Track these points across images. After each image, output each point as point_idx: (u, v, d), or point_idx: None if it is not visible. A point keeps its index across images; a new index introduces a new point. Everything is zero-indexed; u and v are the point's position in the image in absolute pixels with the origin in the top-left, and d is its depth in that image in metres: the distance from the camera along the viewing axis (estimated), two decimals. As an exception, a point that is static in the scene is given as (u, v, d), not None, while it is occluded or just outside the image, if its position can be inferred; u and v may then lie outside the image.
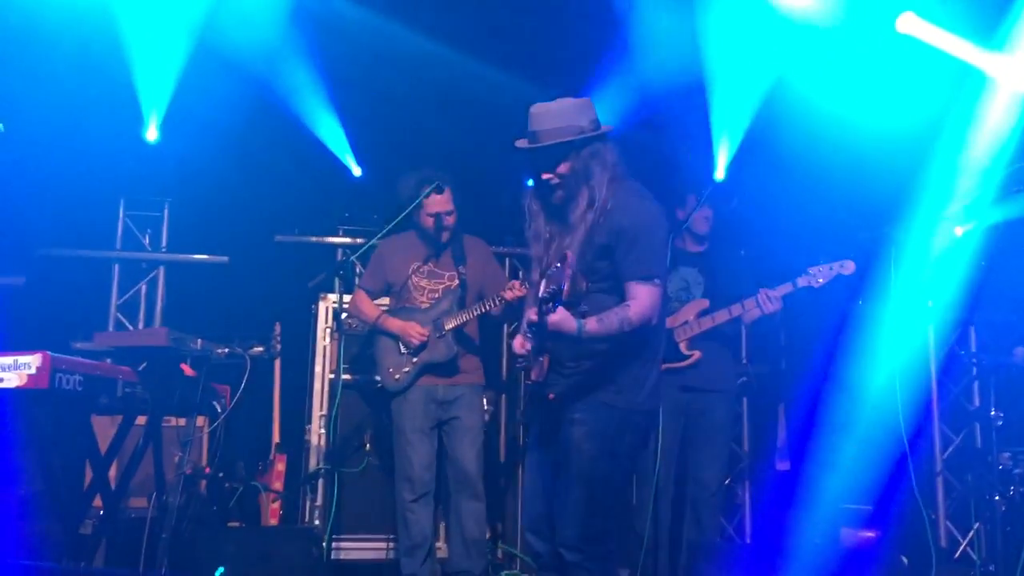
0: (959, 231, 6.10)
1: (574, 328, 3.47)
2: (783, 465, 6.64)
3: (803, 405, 6.32)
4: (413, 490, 5.08)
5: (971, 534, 6.07)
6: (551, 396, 3.69)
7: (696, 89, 6.28)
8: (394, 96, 6.48)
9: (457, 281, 5.24)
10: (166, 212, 6.93)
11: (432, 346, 5.15)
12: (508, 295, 4.97)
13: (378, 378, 5.32)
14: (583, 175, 3.64)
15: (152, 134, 6.37)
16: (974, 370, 6.29)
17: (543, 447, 3.81)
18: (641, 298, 3.57)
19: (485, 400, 5.45)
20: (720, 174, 6.57)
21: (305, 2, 5.99)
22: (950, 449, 6.40)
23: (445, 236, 5.25)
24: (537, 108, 3.68)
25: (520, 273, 6.49)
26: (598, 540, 3.65)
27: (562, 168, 3.65)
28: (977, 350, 6.30)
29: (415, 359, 5.15)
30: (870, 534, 6.11)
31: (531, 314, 3.54)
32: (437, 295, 5.24)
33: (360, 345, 5.73)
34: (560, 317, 3.43)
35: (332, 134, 6.72)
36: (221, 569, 4.70)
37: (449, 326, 5.13)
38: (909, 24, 5.84)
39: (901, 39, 5.85)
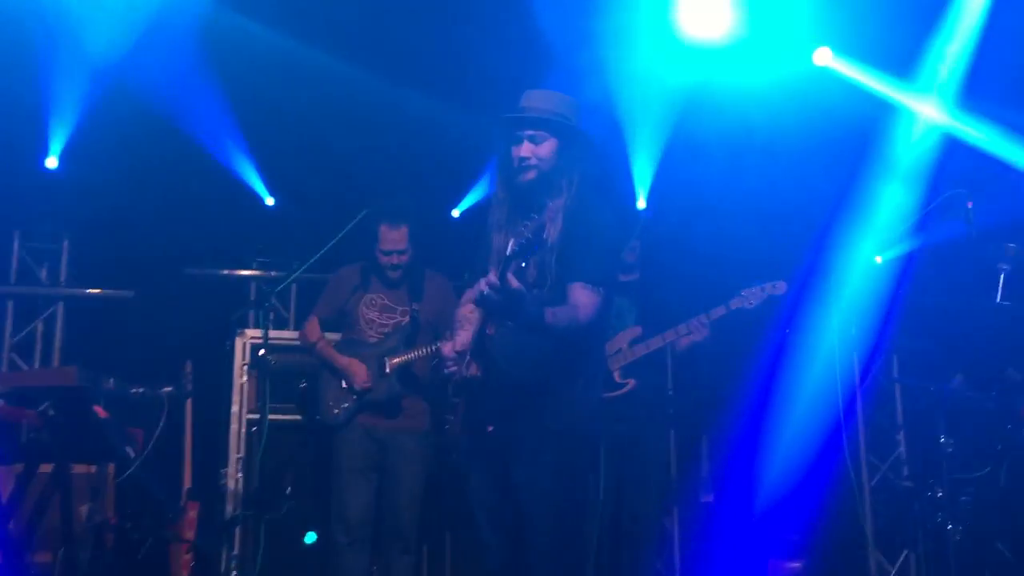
0: (878, 259, 6.20)
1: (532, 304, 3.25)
2: (707, 497, 6.60)
3: (728, 435, 6.31)
4: (348, 532, 4.87)
5: (899, 562, 6.15)
6: (490, 429, 3.50)
7: (614, 119, 6.26)
8: (305, 123, 6.29)
9: (408, 318, 5.06)
10: (66, 245, 6.59)
11: (375, 384, 4.97)
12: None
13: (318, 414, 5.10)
14: (563, 166, 3.52)
15: (52, 162, 6.03)
16: (898, 397, 6.38)
17: (488, 475, 3.57)
18: (584, 301, 3.42)
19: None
20: (642, 203, 6.55)
21: (212, 28, 5.75)
22: (876, 477, 6.45)
23: (393, 275, 5.10)
24: (534, 91, 3.64)
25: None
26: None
27: (545, 147, 3.52)
28: (899, 376, 6.38)
29: (355, 395, 4.97)
30: (797, 564, 6.13)
31: (491, 276, 3.14)
32: (387, 330, 5.06)
33: (285, 381, 5.47)
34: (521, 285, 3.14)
35: (242, 163, 6.49)
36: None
37: (393, 363, 4.95)
38: (825, 58, 5.94)
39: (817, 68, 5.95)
